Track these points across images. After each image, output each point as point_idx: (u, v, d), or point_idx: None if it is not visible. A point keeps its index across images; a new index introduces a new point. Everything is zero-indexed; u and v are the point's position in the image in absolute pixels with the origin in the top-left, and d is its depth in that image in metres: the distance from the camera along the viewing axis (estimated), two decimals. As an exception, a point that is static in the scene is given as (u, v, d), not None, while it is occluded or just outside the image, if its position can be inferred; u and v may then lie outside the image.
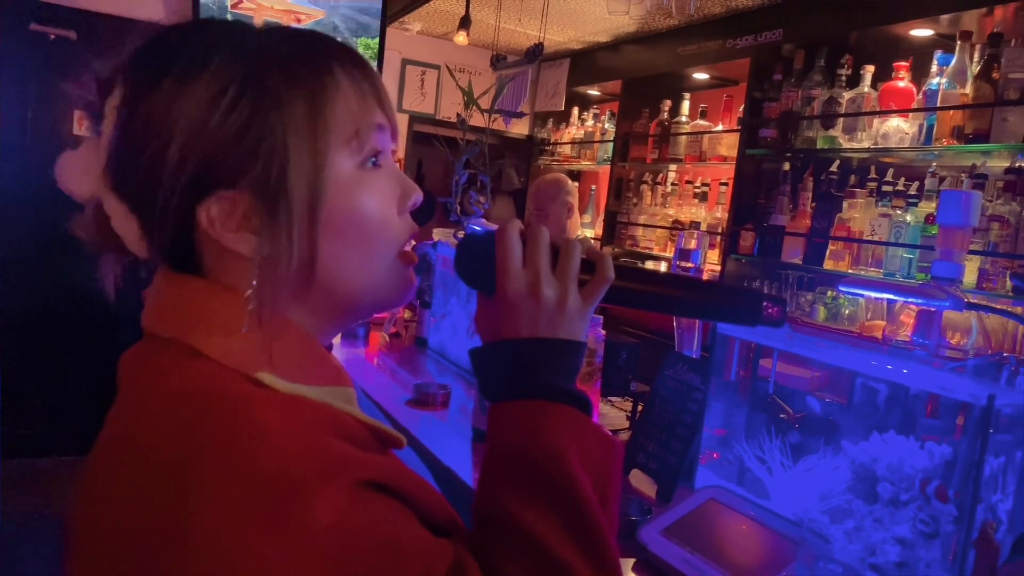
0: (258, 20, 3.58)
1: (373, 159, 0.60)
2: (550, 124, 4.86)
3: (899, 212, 2.61)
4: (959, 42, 2.46)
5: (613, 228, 4.17)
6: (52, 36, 3.43)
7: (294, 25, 0.65)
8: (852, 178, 2.85)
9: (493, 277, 0.63)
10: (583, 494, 0.56)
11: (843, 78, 2.83)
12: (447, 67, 4.15)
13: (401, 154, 4.58)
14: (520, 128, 4.95)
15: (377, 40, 3.82)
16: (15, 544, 2.73)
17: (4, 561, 2.64)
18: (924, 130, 2.55)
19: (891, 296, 1.44)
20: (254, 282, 0.55)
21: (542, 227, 0.64)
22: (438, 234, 2.49)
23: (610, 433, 0.63)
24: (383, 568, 0.48)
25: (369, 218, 0.59)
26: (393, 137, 0.64)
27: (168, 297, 0.58)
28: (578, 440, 0.59)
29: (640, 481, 1.29)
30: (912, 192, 2.64)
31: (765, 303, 0.68)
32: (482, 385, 0.66)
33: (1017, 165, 2.34)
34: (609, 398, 1.90)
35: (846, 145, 2.82)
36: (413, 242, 0.66)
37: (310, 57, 0.58)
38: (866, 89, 2.75)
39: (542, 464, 0.57)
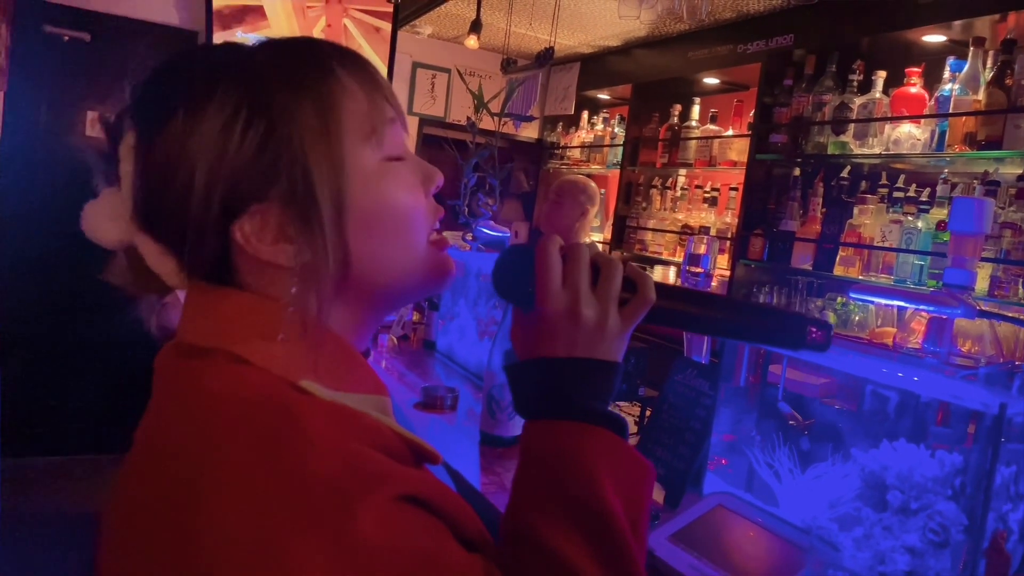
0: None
1: (395, 152, 0.62)
2: (560, 128, 4.86)
3: (910, 218, 2.60)
4: (972, 48, 2.45)
5: (622, 232, 4.17)
6: (66, 38, 3.46)
7: (283, 37, 0.69)
8: (863, 184, 2.84)
9: (531, 294, 0.63)
10: (615, 519, 0.56)
11: (854, 83, 2.82)
12: (457, 70, 4.16)
13: (411, 157, 4.59)
14: (530, 132, 4.95)
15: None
16: (16, 544, 2.74)
17: (6, 561, 2.65)
18: (936, 136, 2.53)
19: (902, 303, 1.43)
20: (293, 290, 0.56)
21: (582, 244, 0.64)
22: (446, 237, 2.49)
23: (643, 457, 0.62)
24: None
25: (399, 208, 0.61)
26: (403, 128, 0.65)
27: (208, 308, 0.59)
28: (612, 464, 0.59)
29: (648, 486, 1.29)
30: (923, 198, 2.63)
31: (810, 327, 0.66)
32: (516, 401, 0.65)
33: (1030, 172, 2.32)
34: (617, 403, 1.89)
35: (857, 151, 2.80)
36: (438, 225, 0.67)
37: (311, 64, 0.59)
38: (878, 95, 2.74)
39: (575, 487, 0.57)
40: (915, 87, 2.64)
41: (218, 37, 3.50)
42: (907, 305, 1.48)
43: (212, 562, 0.45)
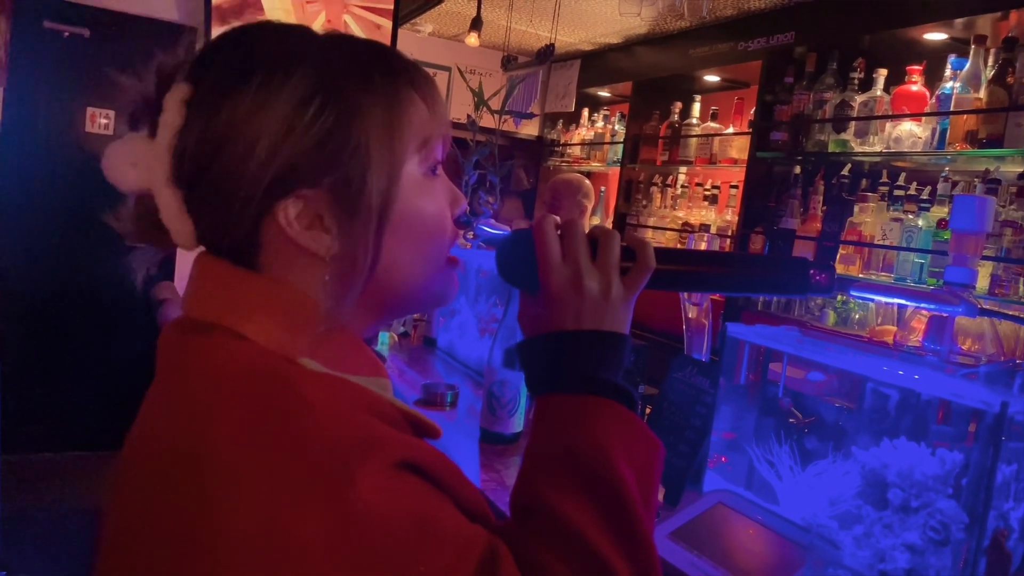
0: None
1: (434, 168, 0.63)
2: (560, 125, 4.86)
3: (911, 216, 2.60)
4: (973, 46, 2.44)
5: (622, 230, 4.16)
6: (66, 34, 3.45)
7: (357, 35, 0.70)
8: (863, 182, 2.84)
9: (535, 275, 0.64)
10: (627, 491, 0.56)
11: (855, 81, 2.82)
12: (458, 68, 4.15)
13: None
14: (530, 129, 4.95)
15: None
16: (17, 541, 2.75)
17: (8, 558, 2.65)
18: (937, 134, 2.53)
19: (902, 301, 1.43)
20: (326, 277, 0.57)
21: (576, 220, 0.65)
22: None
23: (653, 433, 0.63)
24: (417, 548, 0.48)
25: (430, 221, 0.62)
26: (446, 146, 0.66)
27: (214, 284, 0.59)
28: (624, 437, 0.59)
29: (648, 484, 1.29)
30: (924, 196, 2.63)
31: (812, 271, 0.67)
32: (528, 378, 0.66)
33: (1031, 170, 2.32)
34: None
35: (858, 149, 2.80)
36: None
37: (385, 68, 0.60)
38: (878, 92, 2.74)
39: (586, 459, 0.57)
40: (916, 85, 2.64)
41: (216, 32, 3.49)
42: (908, 303, 1.48)
43: (215, 532, 0.46)
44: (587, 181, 3.36)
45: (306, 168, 0.56)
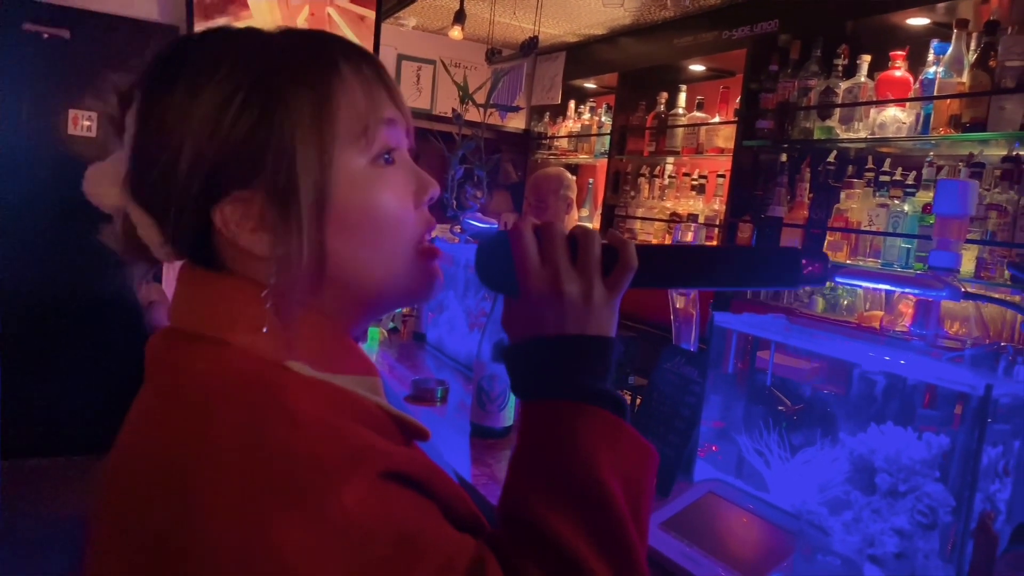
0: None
1: (387, 156, 0.60)
2: (547, 118, 4.85)
3: (897, 202, 2.61)
4: (955, 30, 2.45)
5: (611, 221, 4.17)
6: (46, 35, 3.41)
7: (302, 28, 0.68)
8: (849, 168, 2.85)
9: (515, 279, 0.62)
10: (612, 501, 0.55)
11: (839, 68, 2.82)
12: (442, 62, 4.13)
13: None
14: (517, 122, 4.94)
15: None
16: (15, 544, 2.73)
17: (5, 561, 2.64)
18: (921, 119, 2.54)
19: (889, 286, 1.44)
20: (272, 280, 0.55)
21: (555, 222, 0.63)
22: (435, 230, 2.48)
23: (644, 439, 0.61)
24: (401, 559, 0.48)
25: (382, 214, 0.59)
26: (408, 133, 0.64)
27: (195, 293, 0.59)
28: (610, 445, 0.58)
29: (639, 475, 1.29)
30: (909, 182, 2.64)
31: (804, 261, 0.64)
32: (513, 384, 0.65)
33: (1014, 153, 2.33)
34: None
35: (843, 135, 2.81)
36: (433, 235, 0.66)
37: (316, 57, 0.58)
38: (863, 79, 2.74)
39: (572, 469, 0.56)
40: (900, 71, 2.64)
41: (199, 29, 3.46)
42: (894, 288, 1.49)
43: (197, 542, 0.45)
44: (567, 173, 3.33)
45: (236, 168, 0.55)
